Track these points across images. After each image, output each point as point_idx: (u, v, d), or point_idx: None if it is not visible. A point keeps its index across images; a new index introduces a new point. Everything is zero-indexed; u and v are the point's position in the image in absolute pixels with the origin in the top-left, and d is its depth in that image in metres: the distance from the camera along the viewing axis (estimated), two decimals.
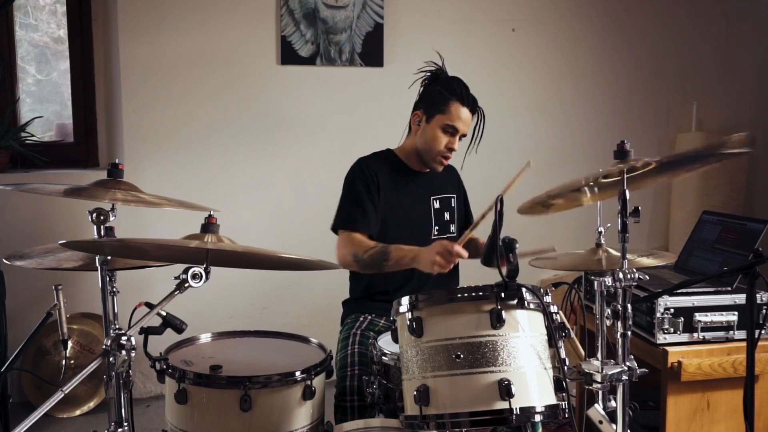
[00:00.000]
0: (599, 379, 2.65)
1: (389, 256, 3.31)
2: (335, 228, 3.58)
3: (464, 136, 3.58)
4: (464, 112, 3.51)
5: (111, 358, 2.36)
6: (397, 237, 3.53)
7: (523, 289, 2.40)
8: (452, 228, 3.73)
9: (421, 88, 3.69)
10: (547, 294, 2.49)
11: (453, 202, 3.72)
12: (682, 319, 3.36)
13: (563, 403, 2.42)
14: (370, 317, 3.58)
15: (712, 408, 3.45)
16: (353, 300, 3.74)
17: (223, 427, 2.80)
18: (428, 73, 3.67)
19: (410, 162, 3.69)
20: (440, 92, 3.55)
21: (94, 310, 4.82)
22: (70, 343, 4.28)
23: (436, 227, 3.66)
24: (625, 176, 2.62)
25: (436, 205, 3.68)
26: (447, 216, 3.70)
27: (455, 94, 3.51)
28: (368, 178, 3.55)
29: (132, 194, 2.57)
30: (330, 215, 3.59)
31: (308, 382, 2.85)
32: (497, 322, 2.34)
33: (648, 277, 2.70)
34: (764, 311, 3.39)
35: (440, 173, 3.69)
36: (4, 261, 2.85)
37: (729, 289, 3.44)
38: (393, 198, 3.61)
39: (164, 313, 2.62)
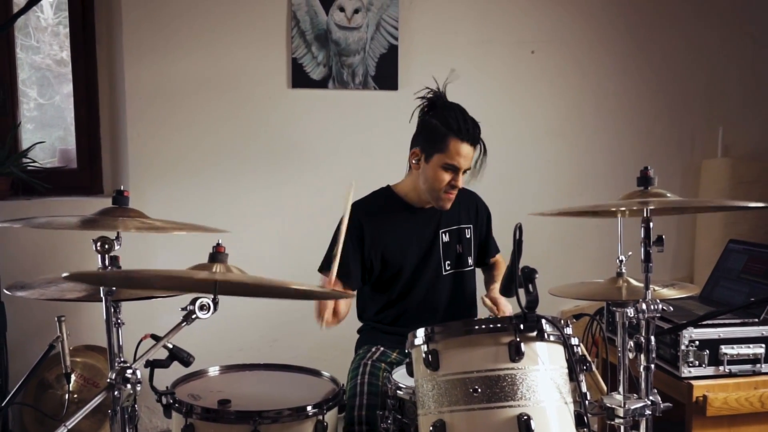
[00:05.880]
0: (621, 414, 2.66)
1: None
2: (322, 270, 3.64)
3: (468, 170, 3.52)
4: (464, 147, 3.42)
5: (116, 392, 2.38)
6: (410, 277, 3.58)
7: (543, 321, 2.42)
8: (469, 261, 3.72)
9: (419, 119, 3.65)
10: (567, 325, 2.51)
11: (468, 233, 3.71)
12: (708, 351, 3.37)
13: None
14: (382, 348, 3.60)
15: None
16: (366, 329, 3.78)
17: None
18: (425, 100, 3.63)
19: (411, 199, 3.66)
20: (437, 127, 3.47)
21: (98, 342, 4.82)
22: (73, 377, 4.28)
23: (447, 262, 3.65)
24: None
25: (445, 238, 3.66)
26: (459, 248, 3.68)
27: (452, 130, 3.42)
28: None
29: (140, 221, 2.59)
30: None
31: (320, 417, 2.86)
32: (516, 354, 2.36)
33: (672, 308, 2.71)
34: None
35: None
36: (5, 291, 2.86)
37: (756, 320, 3.45)
38: (394, 239, 3.62)
39: (171, 346, 2.63)
